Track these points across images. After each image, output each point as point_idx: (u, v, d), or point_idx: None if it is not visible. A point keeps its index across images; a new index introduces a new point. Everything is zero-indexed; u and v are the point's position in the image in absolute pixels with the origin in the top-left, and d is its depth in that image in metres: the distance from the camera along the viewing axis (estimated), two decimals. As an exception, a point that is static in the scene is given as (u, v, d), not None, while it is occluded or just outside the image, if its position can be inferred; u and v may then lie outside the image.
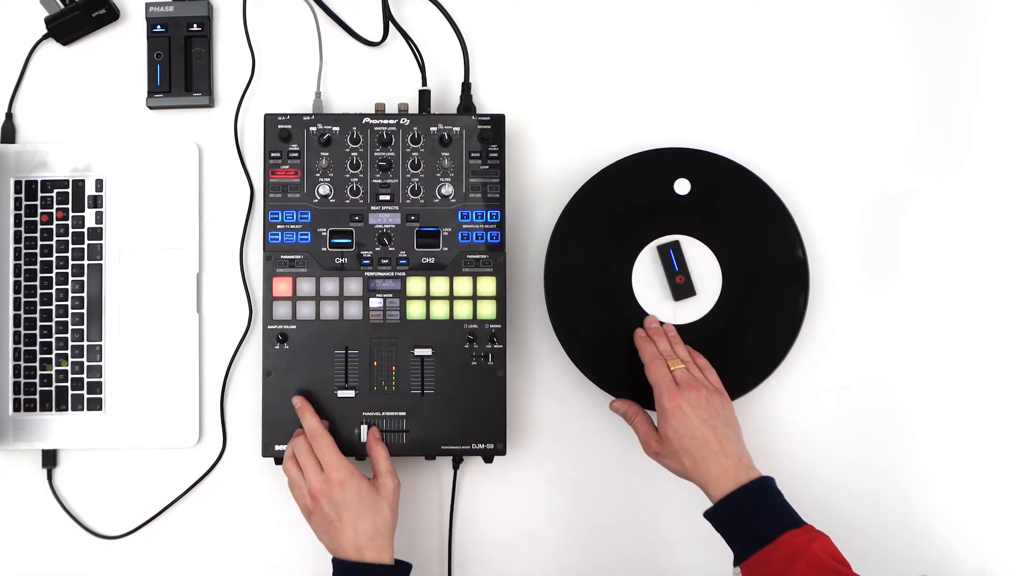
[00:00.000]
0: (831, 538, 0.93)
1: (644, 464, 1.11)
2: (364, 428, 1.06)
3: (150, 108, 1.14)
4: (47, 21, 1.13)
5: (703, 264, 1.10)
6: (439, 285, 1.08)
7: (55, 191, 1.12)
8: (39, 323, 1.11)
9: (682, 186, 1.11)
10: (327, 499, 0.99)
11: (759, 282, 1.10)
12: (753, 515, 0.95)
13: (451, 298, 1.07)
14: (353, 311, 1.07)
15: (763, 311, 1.10)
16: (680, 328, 1.09)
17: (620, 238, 1.10)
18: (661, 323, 1.09)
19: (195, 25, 1.13)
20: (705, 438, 0.98)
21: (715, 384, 1.04)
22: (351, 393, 1.06)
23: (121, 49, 1.15)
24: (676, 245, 1.09)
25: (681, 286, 1.09)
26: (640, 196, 1.11)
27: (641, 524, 1.12)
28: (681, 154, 1.11)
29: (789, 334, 1.10)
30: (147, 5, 1.14)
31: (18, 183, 1.12)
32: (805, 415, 1.13)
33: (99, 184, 1.12)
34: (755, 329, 1.10)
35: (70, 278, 1.11)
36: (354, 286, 1.07)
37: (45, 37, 1.15)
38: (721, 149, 1.12)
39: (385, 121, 1.09)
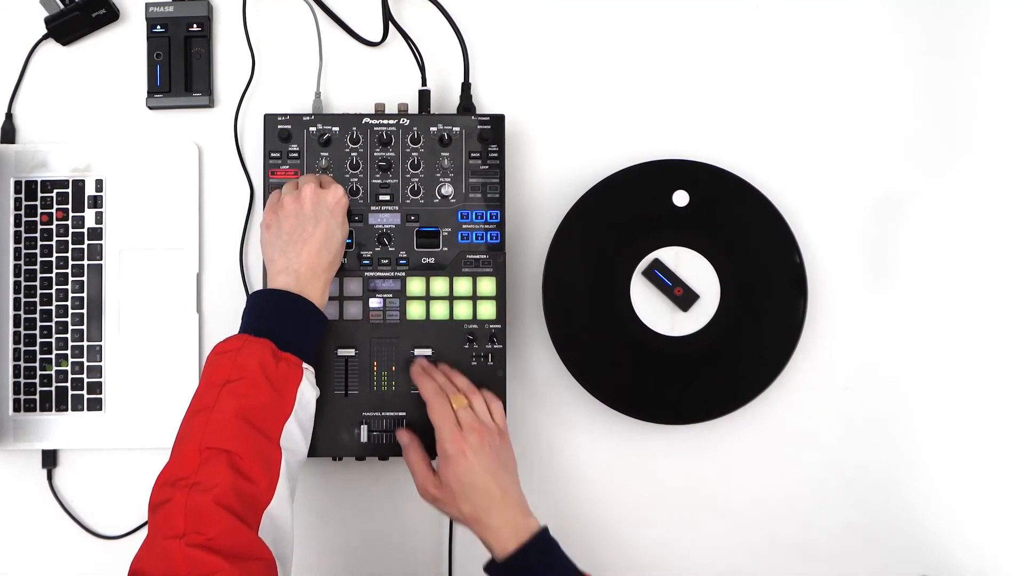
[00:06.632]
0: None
1: (643, 464, 1.11)
2: (364, 428, 1.06)
3: (150, 108, 1.14)
4: (47, 21, 1.13)
5: (701, 276, 1.09)
6: (439, 285, 1.07)
7: (55, 191, 1.12)
8: (39, 323, 1.11)
9: (681, 198, 1.11)
10: (312, 207, 1.01)
11: (758, 292, 1.09)
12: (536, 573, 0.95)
13: (451, 298, 1.07)
14: (353, 311, 1.07)
15: (762, 320, 1.09)
16: (680, 340, 1.09)
17: (619, 251, 1.10)
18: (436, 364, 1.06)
19: (195, 25, 1.13)
20: (486, 487, 0.96)
21: (499, 422, 1.01)
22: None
23: (121, 49, 1.15)
24: (657, 263, 1.09)
25: (682, 297, 1.09)
26: (639, 208, 1.10)
27: (640, 523, 1.12)
28: (680, 166, 1.11)
29: (789, 343, 1.09)
30: (147, 5, 1.14)
31: (18, 183, 1.12)
32: (805, 416, 1.13)
33: (99, 184, 1.12)
34: (755, 339, 1.09)
35: (70, 278, 1.12)
36: (354, 286, 1.07)
37: (45, 37, 1.15)
38: (718, 155, 1.12)
39: (385, 121, 1.09)
